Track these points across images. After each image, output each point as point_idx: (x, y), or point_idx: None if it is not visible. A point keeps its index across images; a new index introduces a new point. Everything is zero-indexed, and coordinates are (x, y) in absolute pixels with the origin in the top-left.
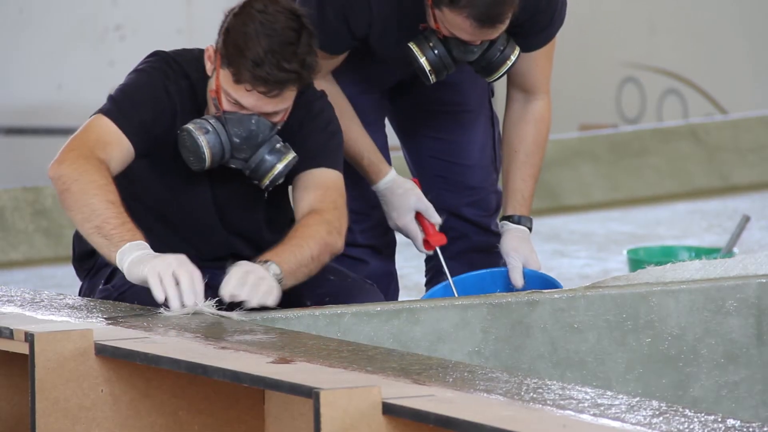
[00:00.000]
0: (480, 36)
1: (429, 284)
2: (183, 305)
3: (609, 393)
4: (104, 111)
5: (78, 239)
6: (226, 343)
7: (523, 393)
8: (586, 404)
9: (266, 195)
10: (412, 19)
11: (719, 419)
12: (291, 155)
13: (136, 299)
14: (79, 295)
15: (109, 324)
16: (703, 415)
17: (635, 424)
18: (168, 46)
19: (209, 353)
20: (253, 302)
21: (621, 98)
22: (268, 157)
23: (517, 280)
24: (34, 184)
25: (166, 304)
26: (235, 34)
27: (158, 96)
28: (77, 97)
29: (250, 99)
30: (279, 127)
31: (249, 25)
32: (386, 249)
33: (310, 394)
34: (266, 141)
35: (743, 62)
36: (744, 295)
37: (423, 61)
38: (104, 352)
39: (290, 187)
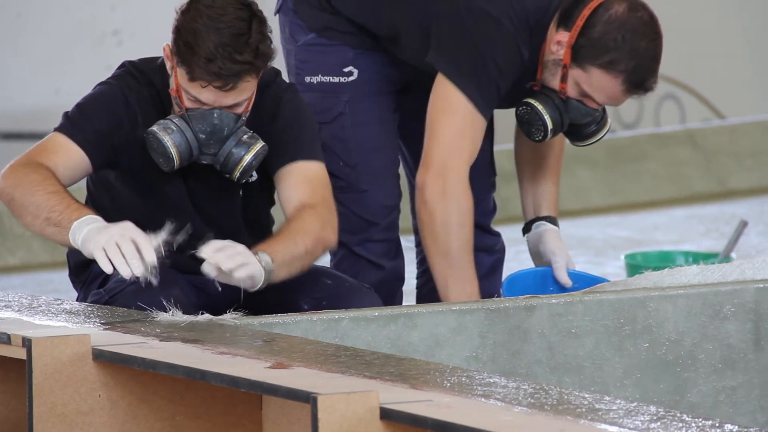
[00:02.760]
0: (619, 101)
1: (424, 286)
2: (133, 273)
3: (607, 398)
4: (57, 127)
5: (71, 252)
6: (224, 349)
7: (520, 398)
8: (583, 409)
9: (241, 192)
10: (527, 77)
11: (717, 424)
12: (259, 145)
13: (126, 301)
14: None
15: (107, 329)
16: (700, 420)
17: (633, 429)
18: None
19: (207, 358)
20: (225, 267)
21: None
22: (235, 150)
23: (565, 279)
24: None
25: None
26: (184, 33)
27: (115, 106)
28: (75, 102)
29: (208, 94)
30: (244, 118)
31: (197, 21)
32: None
33: (308, 399)
34: (232, 133)
35: (741, 67)
36: (741, 300)
37: (547, 118)
38: (102, 357)
39: (269, 190)
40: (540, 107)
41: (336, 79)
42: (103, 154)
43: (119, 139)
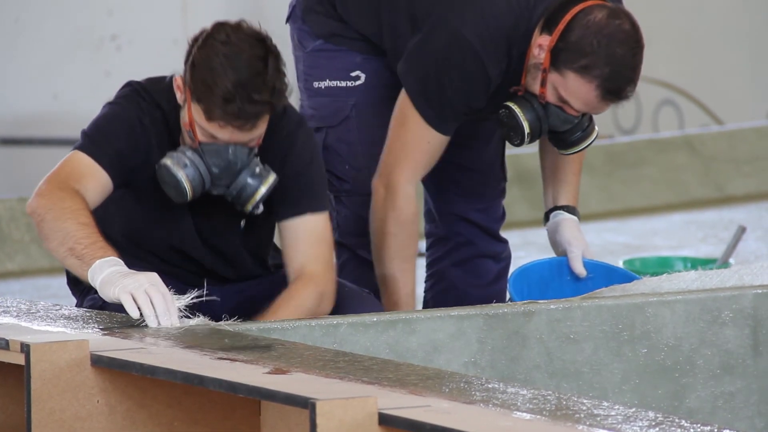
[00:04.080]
0: (595, 108)
1: (430, 290)
2: (160, 324)
3: (605, 404)
4: (78, 146)
5: None
6: (222, 354)
7: (519, 404)
8: (582, 415)
9: (243, 221)
10: (511, 81)
11: (715, 430)
12: (272, 177)
13: (120, 306)
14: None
15: (105, 335)
16: (699, 425)
17: None
18: (164, 57)
19: (205, 364)
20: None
21: (617, 109)
22: (250, 182)
23: (580, 269)
24: (30, 194)
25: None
26: (201, 70)
27: (132, 127)
28: (73, 108)
29: (225, 133)
30: (256, 151)
31: (214, 59)
32: None
33: (306, 404)
34: (246, 167)
35: (739, 73)
36: (740, 306)
37: (524, 122)
38: (100, 362)
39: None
40: (518, 111)
41: (343, 84)
42: (122, 175)
43: (136, 161)
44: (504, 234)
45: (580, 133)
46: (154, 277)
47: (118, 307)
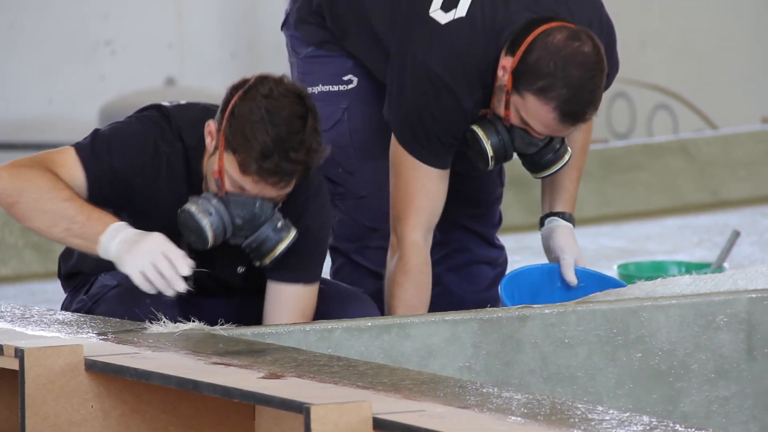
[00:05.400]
0: (555, 131)
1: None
2: (176, 291)
3: (600, 408)
4: (78, 145)
5: (63, 259)
6: (217, 359)
7: (513, 408)
8: (576, 419)
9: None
10: (482, 105)
11: None
12: (293, 233)
13: (108, 306)
14: (62, 307)
15: (100, 339)
16: (693, 430)
17: None
18: (159, 61)
19: (200, 369)
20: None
21: (611, 113)
22: (272, 235)
23: (571, 277)
24: None
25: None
26: (240, 121)
27: (144, 147)
28: (68, 112)
29: (256, 188)
30: (280, 205)
31: (255, 111)
32: None
33: (301, 409)
34: (268, 220)
35: (733, 78)
36: (734, 310)
37: (487, 146)
38: (94, 367)
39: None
40: (482, 135)
41: (336, 88)
42: (104, 193)
43: (136, 183)
44: (499, 238)
45: (552, 155)
46: (157, 240)
47: (106, 306)
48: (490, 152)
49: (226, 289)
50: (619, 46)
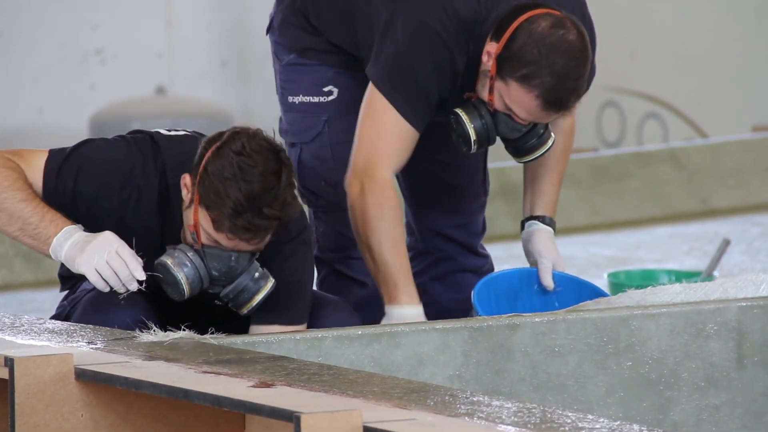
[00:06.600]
0: (539, 117)
1: None
2: (129, 289)
3: (590, 416)
4: (52, 154)
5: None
6: (207, 368)
7: (504, 417)
8: (567, 428)
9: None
10: (466, 85)
11: None
12: (270, 283)
13: (81, 310)
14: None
15: (90, 348)
16: None
17: None
18: (148, 71)
19: (190, 377)
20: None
21: (601, 122)
22: (250, 285)
23: (548, 281)
24: None
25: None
26: (213, 179)
27: (115, 173)
28: (58, 121)
29: (231, 243)
30: (257, 255)
31: (227, 169)
32: None
33: (291, 418)
34: (245, 271)
35: (723, 86)
36: (724, 319)
37: (470, 129)
38: (84, 376)
39: None
40: (465, 118)
41: (316, 99)
42: (62, 209)
43: (97, 207)
44: (488, 247)
45: (535, 141)
46: (108, 239)
47: (79, 316)
48: (473, 136)
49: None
50: (610, 54)
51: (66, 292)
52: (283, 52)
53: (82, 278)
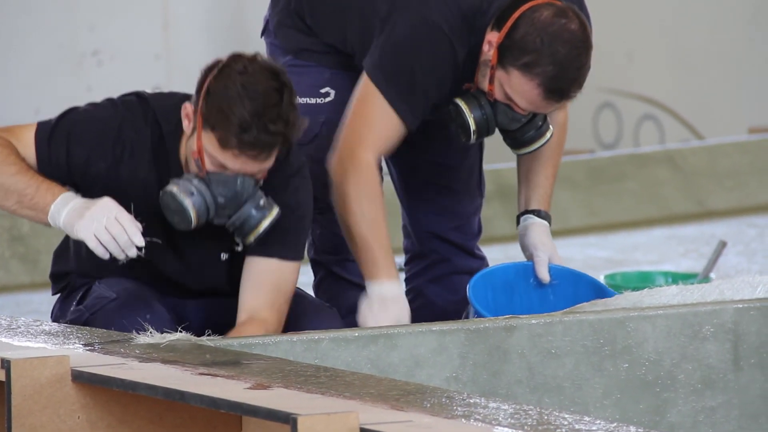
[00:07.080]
0: (539, 106)
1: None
2: (128, 255)
3: (587, 418)
4: (40, 125)
5: (56, 257)
6: (204, 369)
7: (501, 419)
8: (563, 430)
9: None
10: (465, 78)
11: None
12: (275, 210)
13: (107, 319)
14: (51, 314)
15: (86, 350)
16: None
17: None
18: (146, 72)
19: (186, 379)
20: None
21: (598, 124)
22: (254, 213)
23: (544, 274)
24: None
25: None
26: (217, 98)
27: (104, 138)
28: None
29: (237, 163)
30: (261, 183)
31: (231, 87)
32: None
33: (288, 419)
34: (250, 198)
35: (720, 88)
36: (721, 321)
37: (470, 119)
38: (81, 378)
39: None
40: (465, 108)
41: (313, 101)
42: (53, 177)
43: (95, 168)
44: (485, 249)
45: (534, 132)
46: (107, 205)
47: (105, 319)
48: (472, 126)
49: (209, 290)
50: (606, 56)
51: (58, 294)
52: (278, 54)
53: (75, 279)
